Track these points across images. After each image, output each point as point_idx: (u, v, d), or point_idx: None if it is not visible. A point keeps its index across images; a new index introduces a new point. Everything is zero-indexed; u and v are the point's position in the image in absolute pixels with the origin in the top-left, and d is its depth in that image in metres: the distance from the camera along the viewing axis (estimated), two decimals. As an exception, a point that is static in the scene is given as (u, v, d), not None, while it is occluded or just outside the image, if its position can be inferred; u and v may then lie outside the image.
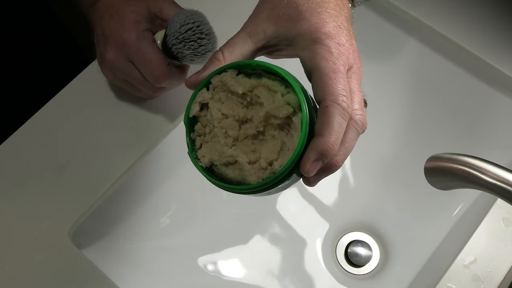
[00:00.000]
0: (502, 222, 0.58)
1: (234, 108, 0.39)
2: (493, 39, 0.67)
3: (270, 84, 0.38)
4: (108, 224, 0.64)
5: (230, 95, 0.39)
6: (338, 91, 0.38)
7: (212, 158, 0.39)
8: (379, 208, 0.72)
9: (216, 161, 0.39)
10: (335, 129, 0.37)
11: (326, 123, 0.37)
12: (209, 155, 0.39)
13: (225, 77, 0.39)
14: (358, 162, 0.75)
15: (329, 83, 0.38)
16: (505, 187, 0.40)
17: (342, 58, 0.40)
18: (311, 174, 0.38)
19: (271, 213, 0.73)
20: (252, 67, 0.39)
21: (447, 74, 0.71)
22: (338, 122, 0.38)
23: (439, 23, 0.68)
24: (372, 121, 0.75)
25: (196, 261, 0.68)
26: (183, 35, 0.52)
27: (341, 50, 0.40)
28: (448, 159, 0.43)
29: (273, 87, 0.38)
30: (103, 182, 0.61)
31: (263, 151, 0.38)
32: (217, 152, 0.39)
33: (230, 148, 0.38)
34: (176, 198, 0.69)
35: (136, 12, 0.55)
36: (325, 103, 0.38)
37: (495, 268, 0.56)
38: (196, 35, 0.52)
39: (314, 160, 0.37)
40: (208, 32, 0.53)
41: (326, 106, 0.38)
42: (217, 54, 0.42)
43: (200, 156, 0.39)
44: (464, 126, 0.70)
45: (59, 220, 0.59)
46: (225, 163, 0.39)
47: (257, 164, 0.37)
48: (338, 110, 0.38)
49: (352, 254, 0.70)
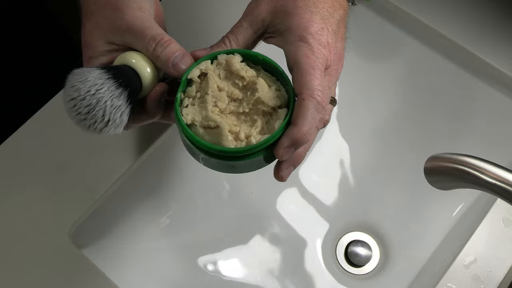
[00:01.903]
0: (502, 222, 0.58)
1: (230, 86, 0.44)
2: (493, 39, 0.67)
3: (266, 79, 0.44)
4: (108, 224, 0.64)
5: (229, 75, 0.44)
6: (314, 86, 0.42)
7: (194, 118, 0.43)
8: (379, 208, 0.72)
9: (196, 122, 0.43)
10: (308, 120, 0.42)
11: (301, 114, 0.42)
12: (192, 115, 0.43)
13: (232, 59, 0.44)
14: (358, 162, 0.75)
15: (307, 78, 0.43)
16: (505, 187, 0.40)
17: (322, 57, 0.44)
18: (283, 158, 0.42)
19: (271, 213, 0.73)
20: (257, 60, 0.45)
21: (447, 74, 0.71)
22: (312, 114, 0.42)
23: (439, 23, 0.68)
24: (372, 121, 0.75)
25: (196, 261, 0.68)
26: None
27: (322, 51, 0.44)
28: (448, 159, 0.43)
29: (268, 81, 0.44)
30: (103, 182, 0.61)
31: (243, 127, 0.43)
32: (200, 115, 0.43)
33: (216, 115, 0.42)
34: (176, 198, 0.69)
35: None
36: (302, 96, 0.42)
37: (495, 268, 0.56)
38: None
39: (288, 146, 0.42)
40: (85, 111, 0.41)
41: (303, 99, 0.42)
42: (224, 40, 0.46)
43: (184, 113, 0.43)
44: (464, 126, 0.70)
45: (59, 220, 0.59)
46: (205, 126, 0.42)
47: (236, 134, 0.42)
48: (313, 103, 0.42)
49: (352, 254, 0.70)
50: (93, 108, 0.40)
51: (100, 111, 0.40)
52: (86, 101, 0.40)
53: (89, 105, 0.40)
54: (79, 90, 0.40)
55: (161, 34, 0.44)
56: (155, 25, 0.45)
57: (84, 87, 0.40)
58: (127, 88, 0.42)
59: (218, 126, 0.42)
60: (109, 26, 0.44)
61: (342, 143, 0.76)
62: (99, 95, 0.40)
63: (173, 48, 0.44)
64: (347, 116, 0.76)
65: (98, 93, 0.40)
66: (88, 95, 0.40)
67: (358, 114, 0.76)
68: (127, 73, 0.43)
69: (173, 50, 0.44)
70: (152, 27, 0.44)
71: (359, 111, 0.75)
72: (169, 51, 0.43)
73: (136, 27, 0.44)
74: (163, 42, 0.43)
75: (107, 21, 0.44)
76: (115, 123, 0.41)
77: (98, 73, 0.41)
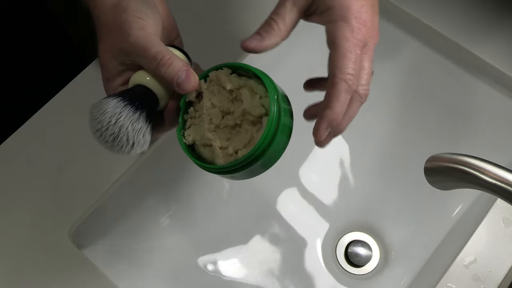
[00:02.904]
0: (502, 222, 0.58)
1: (222, 100, 0.46)
2: (493, 39, 0.67)
3: (254, 87, 0.45)
4: (108, 224, 0.64)
5: (222, 89, 0.46)
6: (348, 70, 0.44)
7: (195, 138, 0.46)
8: (379, 208, 0.72)
9: (197, 141, 0.46)
10: (341, 102, 0.45)
11: (334, 96, 0.45)
12: (193, 135, 0.46)
13: (220, 74, 0.46)
14: (358, 162, 0.75)
15: (343, 62, 0.44)
16: (505, 187, 0.40)
17: (361, 38, 0.45)
18: (322, 139, 0.46)
19: (271, 213, 0.73)
20: (244, 70, 0.45)
21: (447, 74, 0.71)
22: (344, 97, 0.45)
23: (439, 23, 0.68)
24: (372, 121, 0.75)
25: (196, 261, 0.68)
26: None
27: (362, 30, 0.45)
28: (448, 159, 0.43)
29: (255, 90, 0.45)
30: (103, 182, 0.61)
31: (235, 140, 0.45)
32: (199, 134, 0.45)
33: (210, 133, 0.45)
34: (176, 198, 0.69)
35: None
36: (335, 79, 0.44)
37: (495, 268, 0.56)
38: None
39: (325, 128, 0.45)
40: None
41: (336, 82, 0.44)
42: (272, 24, 0.46)
43: (186, 135, 0.46)
44: (464, 126, 0.70)
45: (59, 220, 0.59)
46: (203, 144, 0.45)
47: (226, 150, 0.44)
48: (345, 86, 0.44)
49: (352, 254, 0.70)
50: (117, 136, 0.43)
51: (124, 137, 0.43)
52: (109, 130, 0.43)
53: (113, 134, 0.43)
54: (101, 122, 0.43)
55: (162, 53, 0.44)
56: (157, 42, 0.45)
57: (105, 118, 0.43)
58: (144, 109, 0.44)
59: (211, 144, 0.45)
60: (117, 48, 0.46)
61: (342, 143, 0.76)
62: (119, 123, 0.43)
63: (175, 68, 0.44)
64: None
65: (118, 122, 0.43)
66: (110, 125, 0.43)
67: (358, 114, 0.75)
68: (142, 93, 0.45)
69: (175, 69, 0.44)
70: (154, 45, 0.44)
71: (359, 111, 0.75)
72: (171, 71, 0.44)
73: (138, 48, 0.44)
74: (164, 62, 0.44)
75: (115, 43, 0.46)
76: (140, 143, 0.44)
77: (115, 102, 0.44)
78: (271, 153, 0.44)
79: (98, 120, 0.43)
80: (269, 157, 0.44)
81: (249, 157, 0.43)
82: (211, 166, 0.44)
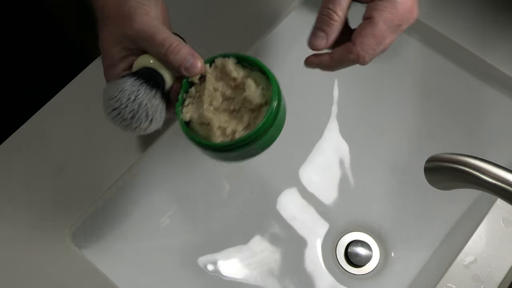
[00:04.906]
0: (502, 222, 0.58)
1: (224, 86, 0.48)
2: (493, 39, 0.67)
3: (257, 79, 0.48)
4: (108, 224, 0.64)
5: (225, 76, 0.48)
6: (368, 49, 0.46)
7: (192, 116, 0.48)
8: (379, 208, 0.72)
9: (194, 119, 0.48)
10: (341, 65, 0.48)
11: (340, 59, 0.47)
12: (191, 113, 0.48)
13: (227, 62, 0.48)
14: (358, 162, 0.75)
15: (370, 41, 0.46)
16: (505, 187, 0.40)
17: (398, 23, 0.46)
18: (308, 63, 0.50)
19: (271, 213, 0.73)
20: (249, 62, 0.48)
21: (447, 74, 0.70)
22: (346, 64, 0.48)
23: (439, 23, 0.68)
24: (372, 121, 0.75)
25: (196, 261, 0.68)
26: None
27: (402, 15, 0.47)
28: (448, 159, 0.43)
29: (258, 81, 0.47)
30: (103, 182, 0.61)
31: (232, 123, 0.47)
32: (197, 113, 0.48)
33: (209, 113, 0.47)
34: (176, 198, 0.69)
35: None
36: (353, 48, 0.46)
37: (495, 268, 0.56)
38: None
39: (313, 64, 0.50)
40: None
41: (350, 52, 0.46)
42: (333, 16, 0.47)
43: (184, 112, 0.48)
44: (464, 126, 0.70)
45: (59, 220, 0.59)
46: (201, 123, 0.47)
47: (224, 130, 0.47)
48: (354, 58, 0.47)
49: (352, 254, 0.70)
50: (137, 112, 0.45)
51: (143, 113, 0.45)
52: (128, 108, 0.45)
53: (132, 111, 0.45)
54: (120, 99, 0.44)
55: (169, 39, 0.46)
56: (162, 28, 0.46)
57: (124, 96, 0.45)
58: (158, 87, 0.46)
59: (209, 123, 0.47)
60: (121, 34, 0.47)
61: (342, 143, 0.76)
62: (139, 100, 0.45)
63: (183, 54, 0.46)
64: (347, 116, 0.76)
65: (137, 98, 0.45)
66: (129, 102, 0.45)
67: (359, 114, 0.76)
68: (151, 74, 0.47)
69: (183, 55, 0.46)
70: (160, 31, 0.46)
71: (359, 111, 0.75)
72: (179, 57, 0.46)
73: (144, 34, 0.46)
74: (173, 49, 0.46)
75: (119, 30, 0.47)
76: (157, 120, 0.46)
77: (132, 81, 0.45)
78: (266, 139, 0.47)
79: (117, 99, 0.44)
80: (264, 141, 0.47)
81: (246, 138, 0.45)
82: (209, 143, 0.46)
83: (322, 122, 0.76)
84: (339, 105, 0.76)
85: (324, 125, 0.76)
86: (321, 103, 0.76)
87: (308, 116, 0.75)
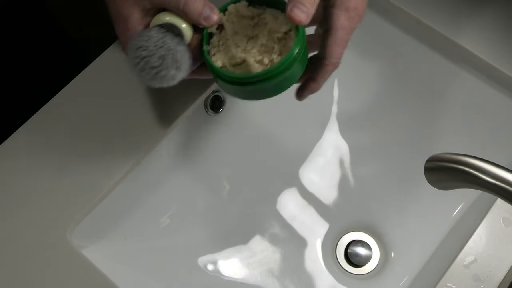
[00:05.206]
0: (502, 222, 0.58)
1: (243, 28, 0.50)
2: (493, 39, 0.67)
3: (274, 13, 0.49)
4: (108, 224, 0.64)
5: (241, 19, 0.50)
6: (339, 56, 0.50)
7: (224, 61, 0.49)
8: (379, 208, 0.72)
9: (226, 64, 0.49)
10: (326, 79, 0.52)
11: (322, 75, 0.52)
12: (221, 60, 0.49)
13: (239, 6, 0.50)
14: (358, 162, 0.75)
15: (336, 49, 0.50)
16: (505, 187, 0.40)
17: (354, 27, 0.50)
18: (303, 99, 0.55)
19: (271, 213, 0.73)
20: (260, 2, 0.50)
21: (447, 74, 0.71)
22: (329, 75, 0.52)
23: (439, 23, 0.68)
24: (372, 120, 0.75)
25: (196, 261, 0.68)
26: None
27: (355, 20, 0.50)
28: (448, 159, 0.43)
29: (276, 14, 0.49)
30: (103, 182, 0.61)
31: (265, 55, 0.48)
32: (227, 57, 0.49)
33: (240, 53, 0.48)
34: (176, 198, 0.69)
35: None
36: (326, 62, 0.50)
37: (495, 268, 0.56)
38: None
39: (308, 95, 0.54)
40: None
41: (326, 65, 0.51)
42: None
43: (214, 60, 0.49)
44: (464, 126, 0.70)
45: (59, 220, 0.59)
46: (234, 64, 0.49)
47: (261, 61, 0.48)
48: (332, 69, 0.51)
49: (352, 254, 0.70)
50: (165, 58, 0.46)
51: (171, 58, 0.46)
52: (158, 54, 0.45)
53: (161, 56, 0.45)
54: (148, 47, 0.45)
55: None
56: None
57: (151, 43, 0.46)
58: (181, 36, 0.48)
59: (244, 59, 0.48)
60: None
61: (342, 143, 0.76)
62: (166, 45, 0.46)
63: (200, 4, 0.47)
64: (347, 116, 0.76)
65: (165, 44, 0.46)
66: (157, 48, 0.45)
67: (358, 114, 0.76)
68: (171, 27, 0.48)
69: (201, 6, 0.47)
70: None
71: (359, 111, 0.75)
72: (198, 8, 0.47)
73: None
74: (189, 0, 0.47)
75: None
76: (184, 67, 0.47)
77: (156, 30, 0.47)
78: (297, 66, 0.48)
79: (145, 47, 0.45)
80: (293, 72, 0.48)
81: (286, 59, 0.46)
82: (249, 75, 0.47)
83: (322, 122, 0.76)
84: (339, 105, 0.76)
85: (324, 125, 0.76)
86: (321, 103, 0.76)
87: (308, 116, 0.75)
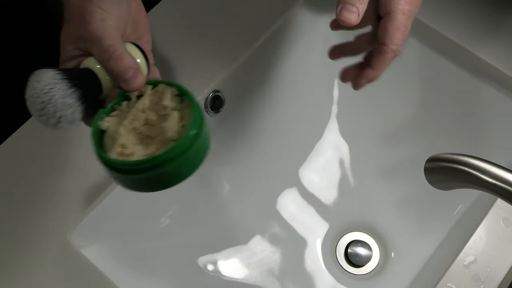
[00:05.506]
0: (502, 222, 0.58)
1: (154, 111, 0.46)
2: (493, 39, 0.67)
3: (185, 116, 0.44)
4: (108, 224, 0.64)
5: (160, 103, 0.46)
6: (399, 42, 0.49)
7: (110, 127, 0.46)
8: (379, 208, 0.72)
9: (109, 131, 0.46)
10: (386, 66, 0.52)
11: (382, 62, 0.51)
12: (109, 124, 0.46)
13: (167, 89, 0.46)
14: (358, 162, 0.75)
15: (396, 34, 0.49)
16: (505, 187, 0.40)
17: (413, 10, 0.50)
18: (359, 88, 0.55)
19: (271, 213, 0.73)
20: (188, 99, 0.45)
21: (447, 74, 0.70)
22: (389, 63, 0.51)
23: (439, 23, 0.68)
24: (372, 121, 0.75)
25: (196, 261, 0.68)
26: None
27: (416, 3, 0.50)
28: (448, 159, 0.43)
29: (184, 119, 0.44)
30: (103, 183, 0.61)
31: (137, 147, 0.45)
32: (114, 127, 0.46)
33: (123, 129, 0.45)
34: (176, 198, 0.69)
35: None
36: (386, 48, 0.50)
37: (495, 268, 0.56)
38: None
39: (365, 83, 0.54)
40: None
41: (386, 52, 0.50)
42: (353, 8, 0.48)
43: (105, 120, 0.46)
44: (464, 126, 0.70)
45: (59, 220, 0.59)
46: (111, 137, 0.45)
47: (124, 149, 0.44)
48: (393, 56, 0.50)
49: (352, 254, 0.70)
50: (47, 105, 0.44)
51: (52, 108, 0.44)
52: (40, 98, 0.44)
53: (43, 102, 0.44)
54: (34, 88, 0.44)
55: (114, 46, 0.45)
56: (114, 35, 0.46)
57: (39, 86, 0.44)
58: (81, 88, 0.45)
59: (116, 137, 0.45)
60: (76, 33, 0.47)
61: (342, 143, 0.76)
62: (51, 93, 0.44)
63: (125, 64, 0.45)
64: (347, 116, 0.76)
65: (50, 91, 0.44)
66: (41, 93, 0.44)
67: (358, 114, 0.76)
68: (85, 75, 0.46)
69: (125, 65, 0.45)
70: (109, 37, 0.45)
71: (359, 111, 0.75)
72: (121, 67, 0.45)
73: (94, 37, 0.46)
74: (115, 56, 0.45)
75: (75, 28, 0.47)
76: (67, 119, 0.45)
77: (53, 74, 0.45)
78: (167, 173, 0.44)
79: (32, 87, 0.44)
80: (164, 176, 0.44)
81: (136, 163, 0.42)
82: (101, 155, 0.44)
83: (322, 122, 0.76)
84: (339, 105, 0.76)
85: (324, 125, 0.76)
86: (321, 103, 0.76)
87: (308, 116, 0.75)
